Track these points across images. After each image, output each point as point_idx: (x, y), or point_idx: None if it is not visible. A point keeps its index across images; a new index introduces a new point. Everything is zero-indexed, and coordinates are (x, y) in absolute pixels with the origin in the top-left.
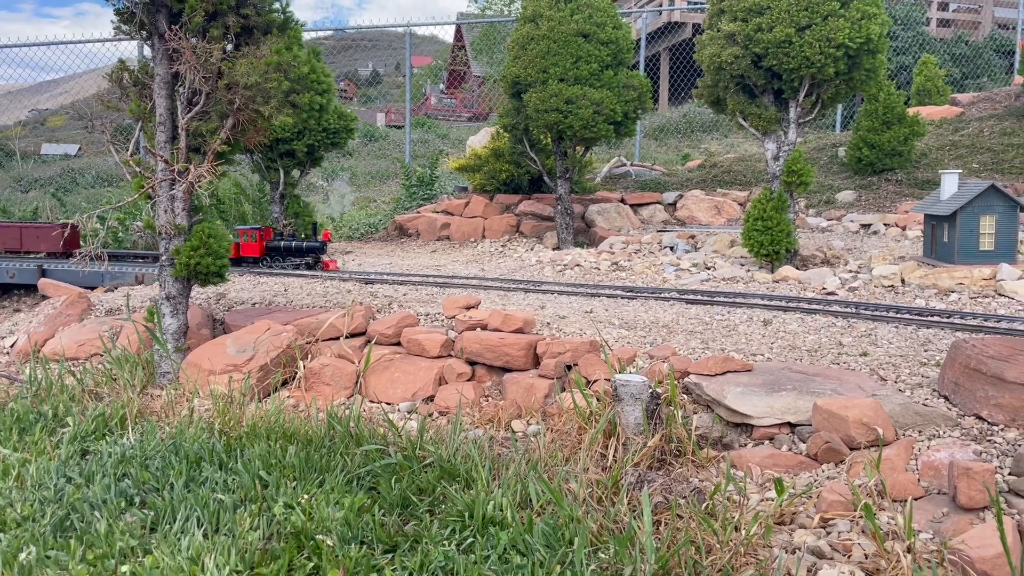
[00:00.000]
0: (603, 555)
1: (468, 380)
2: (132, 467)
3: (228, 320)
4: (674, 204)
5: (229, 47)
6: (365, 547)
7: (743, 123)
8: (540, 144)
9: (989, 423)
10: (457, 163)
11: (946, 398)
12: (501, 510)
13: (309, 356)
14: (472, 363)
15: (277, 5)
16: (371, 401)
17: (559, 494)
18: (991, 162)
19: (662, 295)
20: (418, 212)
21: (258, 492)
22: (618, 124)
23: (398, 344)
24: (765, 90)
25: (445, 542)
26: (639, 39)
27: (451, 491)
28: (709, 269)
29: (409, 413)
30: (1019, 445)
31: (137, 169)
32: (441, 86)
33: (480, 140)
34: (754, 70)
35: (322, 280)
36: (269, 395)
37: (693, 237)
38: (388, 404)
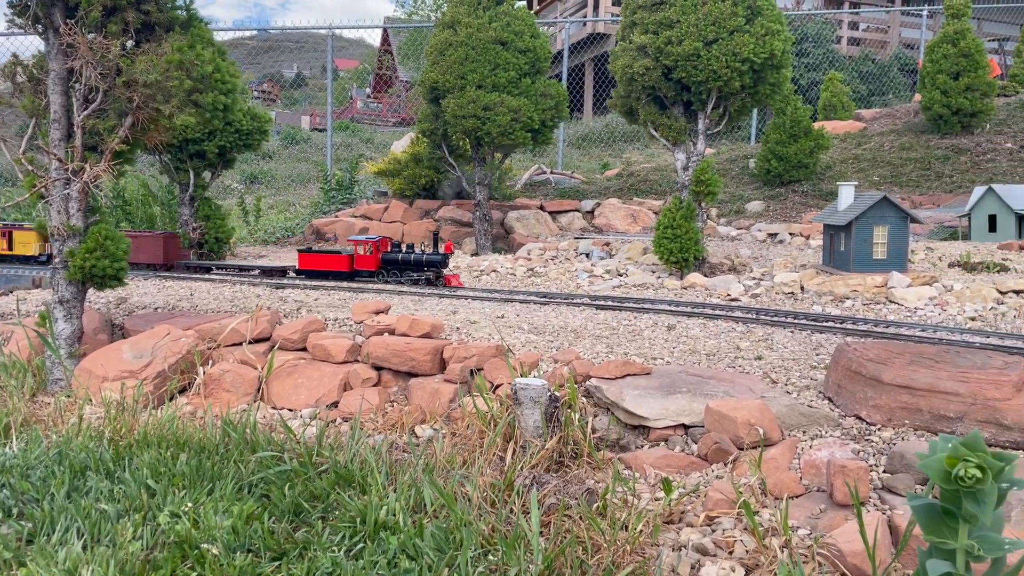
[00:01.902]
0: (492, 557)
1: (374, 385)
2: (11, 477)
3: (127, 325)
4: (592, 212)
5: (129, 44)
6: (252, 555)
7: (654, 133)
8: (459, 150)
9: (868, 423)
10: (376, 168)
11: (830, 399)
12: (394, 515)
13: (210, 362)
14: (378, 368)
15: (180, 2)
16: (273, 408)
17: (451, 498)
18: (890, 175)
19: (574, 301)
20: (336, 216)
21: (144, 501)
22: (536, 132)
23: (304, 350)
24: (675, 101)
25: (335, 548)
26: (563, 49)
27: (344, 497)
28: (622, 275)
29: (311, 419)
30: (894, 444)
31: (30, 168)
32: (367, 90)
33: (404, 145)
34: (664, 82)
35: (231, 284)
36: (166, 402)
37: (608, 244)
38: (291, 410)
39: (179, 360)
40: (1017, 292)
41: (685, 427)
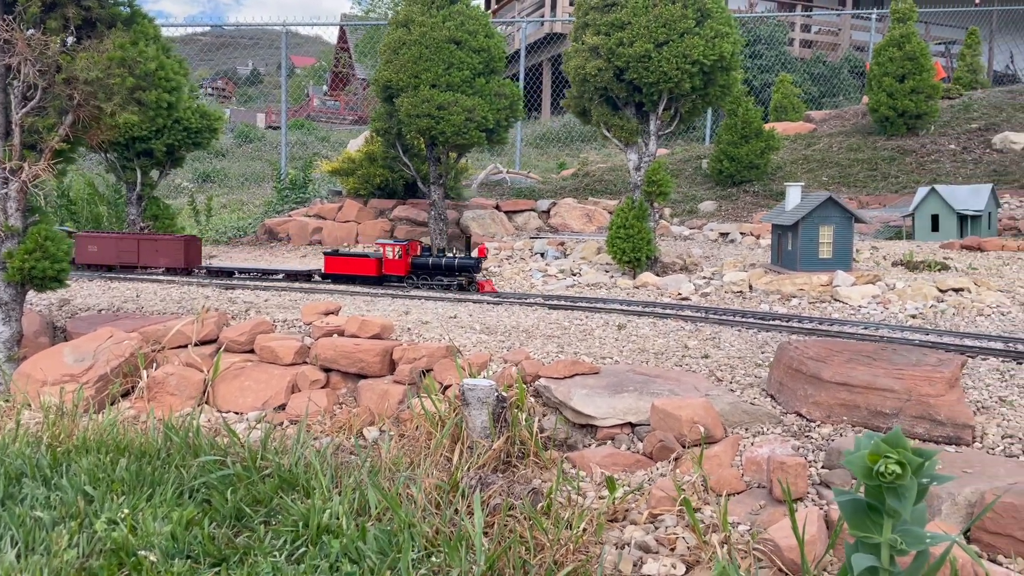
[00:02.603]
0: (436, 559)
1: (322, 387)
2: None
3: (70, 327)
4: (548, 211)
5: (70, 40)
6: (191, 561)
7: (607, 134)
8: (414, 149)
9: (808, 420)
10: (330, 166)
11: (772, 397)
12: (337, 519)
13: (155, 365)
14: (327, 370)
15: None
16: (219, 411)
17: (395, 500)
18: (839, 175)
19: (527, 300)
20: (289, 216)
21: (81, 508)
22: (490, 131)
23: (252, 352)
24: (627, 102)
25: (276, 553)
26: (520, 49)
27: (287, 501)
28: (575, 275)
29: (258, 422)
30: (832, 440)
31: None
32: (324, 88)
33: (359, 144)
34: (616, 83)
35: (179, 285)
36: (107, 406)
37: (563, 244)
38: (238, 413)
39: (122, 363)
40: (956, 290)
41: (632, 426)
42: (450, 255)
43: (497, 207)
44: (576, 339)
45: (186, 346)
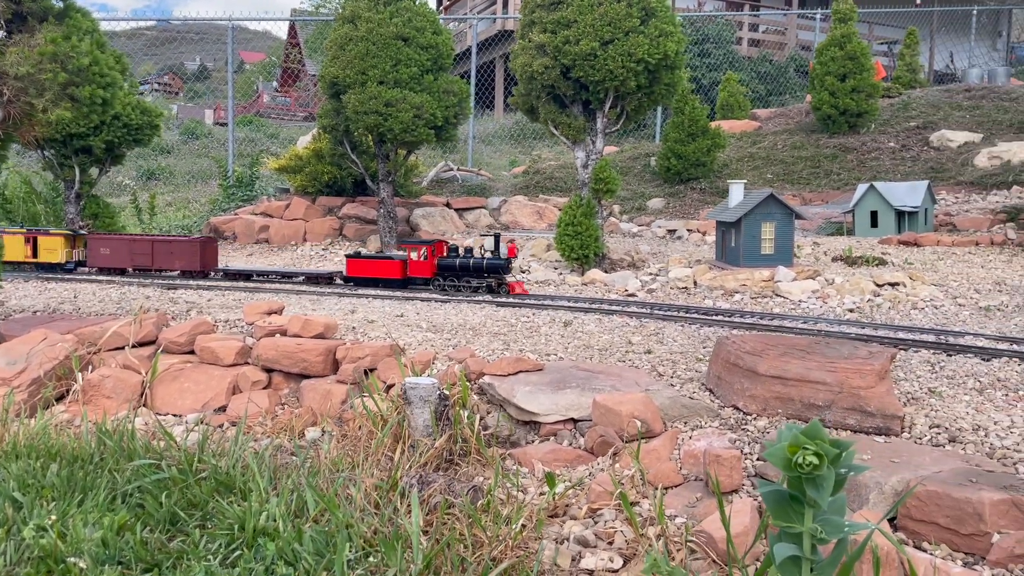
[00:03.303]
0: (373, 559)
1: (264, 388)
2: None
3: (2, 330)
4: (499, 209)
5: (0, 34)
6: (122, 567)
7: (555, 131)
8: (362, 146)
9: (744, 413)
10: (277, 164)
11: (711, 391)
12: (274, 521)
13: (91, 367)
14: (269, 370)
15: None
16: (158, 414)
17: (333, 500)
18: (783, 173)
19: (474, 298)
20: (235, 214)
21: (8, 515)
22: (439, 129)
23: (192, 353)
24: (574, 100)
25: (210, 557)
26: (472, 46)
27: (223, 504)
28: (524, 272)
29: (197, 425)
30: (768, 432)
31: None
32: (275, 84)
33: (308, 141)
34: (563, 81)
35: (119, 285)
36: (40, 411)
37: (512, 241)
38: (176, 416)
39: (56, 366)
40: (892, 285)
41: (574, 421)
42: (478, 255)
43: (448, 205)
44: (523, 336)
45: (123, 348)
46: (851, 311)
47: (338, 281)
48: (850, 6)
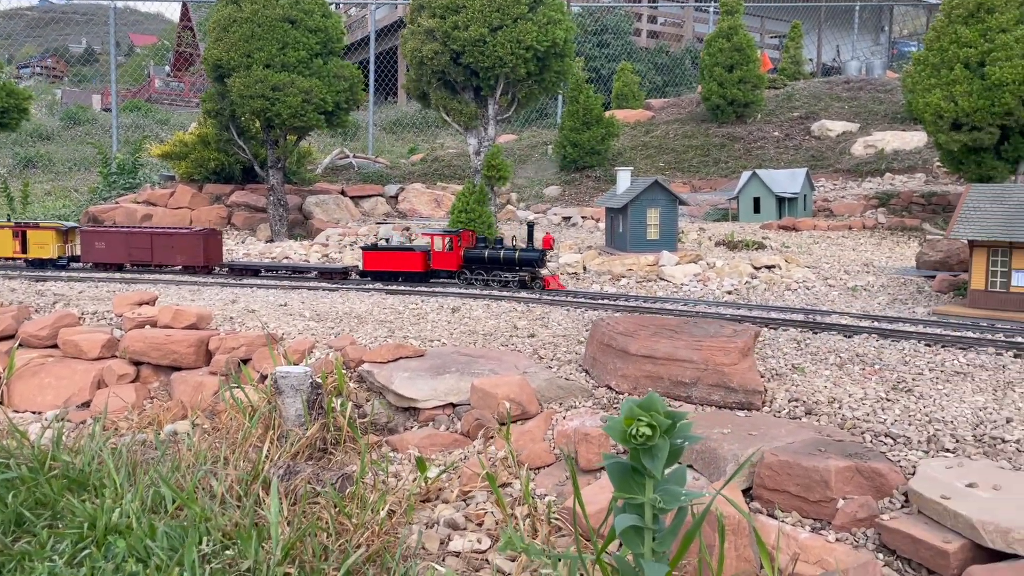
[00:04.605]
0: (231, 551)
1: (132, 382)
2: None
3: None
4: (396, 197)
5: None
6: None
7: (446, 118)
8: (250, 131)
9: (617, 392)
10: (160, 150)
11: (587, 372)
12: (128, 517)
13: None
14: (138, 363)
15: None
16: (15, 411)
17: (191, 495)
18: (675, 161)
19: (364, 286)
20: (116, 203)
21: None
22: (330, 114)
23: (55, 347)
24: (465, 87)
25: (56, 557)
26: (371, 32)
27: (74, 502)
28: None
29: (57, 421)
30: None
31: None
32: (167, 68)
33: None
34: (454, 67)
35: None
36: None
37: (408, 229)
38: (36, 413)
39: None
40: (769, 267)
41: (453, 406)
42: (509, 246)
43: (343, 192)
44: (409, 323)
45: None
46: (729, 293)
47: (353, 276)
48: None
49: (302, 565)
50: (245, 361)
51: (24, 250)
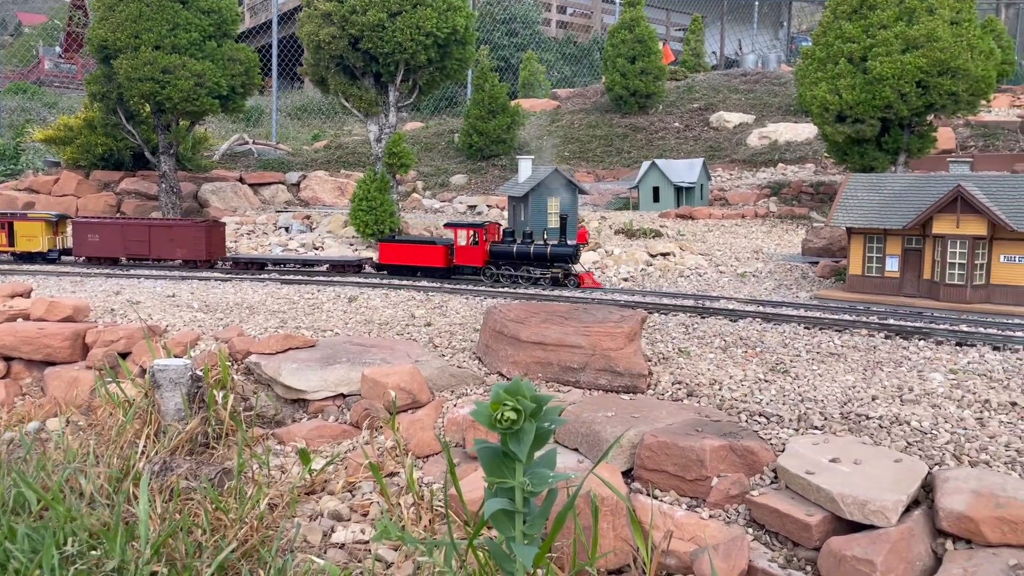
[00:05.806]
0: (97, 551)
1: (3, 378)
2: None
3: None
4: (298, 184)
5: None
6: None
7: (346, 104)
8: (140, 116)
9: (508, 379)
10: (43, 134)
11: (480, 359)
12: None
13: None
14: (8, 359)
15: None
16: None
17: (56, 495)
18: (579, 151)
19: (259, 276)
20: None
21: None
22: (225, 98)
23: None
24: (365, 72)
25: None
26: (273, 16)
27: None
28: (318, 249)
29: None
30: None
31: None
32: (58, 49)
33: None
34: (352, 52)
35: None
36: None
37: (309, 218)
38: None
39: None
40: (664, 255)
41: (343, 396)
42: (539, 241)
43: (241, 179)
44: (303, 313)
45: None
46: (625, 280)
47: (368, 268)
48: None
49: (173, 563)
50: (125, 355)
51: (11, 242)
